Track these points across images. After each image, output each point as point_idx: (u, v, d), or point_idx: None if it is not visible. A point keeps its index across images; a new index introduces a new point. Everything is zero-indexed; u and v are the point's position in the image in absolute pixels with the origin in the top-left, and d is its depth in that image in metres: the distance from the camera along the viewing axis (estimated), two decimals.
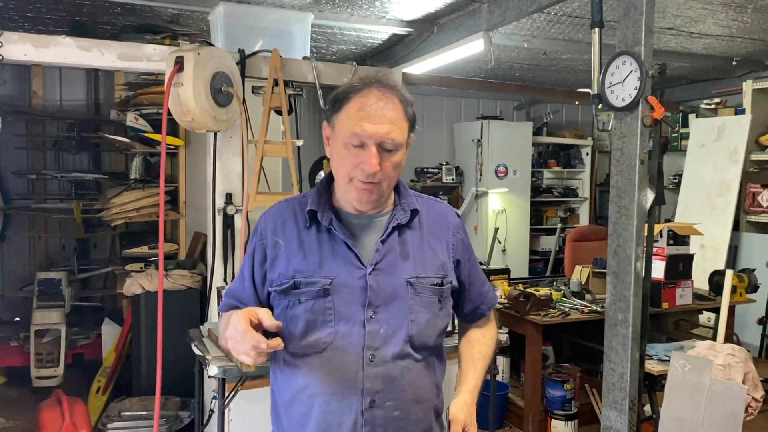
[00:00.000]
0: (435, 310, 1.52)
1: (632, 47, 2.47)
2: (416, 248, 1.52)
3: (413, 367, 1.49)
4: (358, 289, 1.45)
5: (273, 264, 1.51)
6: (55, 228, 5.44)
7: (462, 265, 1.62)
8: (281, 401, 1.55)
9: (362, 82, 1.44)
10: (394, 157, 1.43)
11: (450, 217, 1.63)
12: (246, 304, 1.52)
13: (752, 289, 4.48)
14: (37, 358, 4.59)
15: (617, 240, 2.55)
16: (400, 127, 1.42)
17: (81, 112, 5.49)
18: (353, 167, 1.42)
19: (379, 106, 1.40)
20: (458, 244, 1.61)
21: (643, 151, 2.48)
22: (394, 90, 1.45)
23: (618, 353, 2.54)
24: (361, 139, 1.39)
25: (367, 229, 1.51)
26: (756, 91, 5.60)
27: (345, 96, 1.43)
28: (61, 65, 4.19)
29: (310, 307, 1.44)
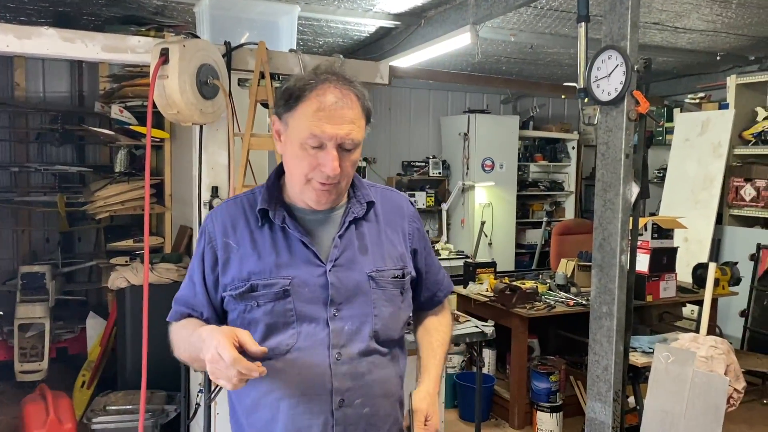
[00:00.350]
0: (398, 303, 1.50)
1: (618, 42, 2.48)
2: (374, 241, 1.49)
3: (379, 361, 1.46)
4: (319, 287, 1.41)
5: (225, 267, 1.44)
6: (39, 221, 5.39)
7: (419, 254, 1.60)
8: (241, 408, 1.48)
9: (317, 77, 1.37)
10: (353, 155, 1.39)
11: (405, 207, 1.60)
12: (199, 311, 1.48)
13: (735, 282, 4.54)
14: (21, 353, 4.55)
15: (602, 233, 2.57)
16: (359, 125, 1.38)
17: (65, 104, 5.43)
18: (311, 169, 1.37)
19: (338, 105, 1.34)
20: (414, 233, 1.58)
21: (628, 145, 2.50)
22: (351, 85, 1.39)
23: (603, 345, 2.56)
24: (321, 140, 1.34)
25: (322, 224, 1.47)
26: (740, 85, 5.66)
27: (300, 92, 1.36)
28: (44, 57, 4.14)
29: (269, 310, 1.39)
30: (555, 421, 4.11)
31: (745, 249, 5.32)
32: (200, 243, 1.50)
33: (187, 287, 1.51)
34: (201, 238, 1.50)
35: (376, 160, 7.11)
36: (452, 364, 4.59)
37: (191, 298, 1.49)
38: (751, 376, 4.53)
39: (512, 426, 4.23)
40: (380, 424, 1.47)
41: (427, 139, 7.52)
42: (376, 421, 1.45)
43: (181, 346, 1.45)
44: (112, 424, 3.20)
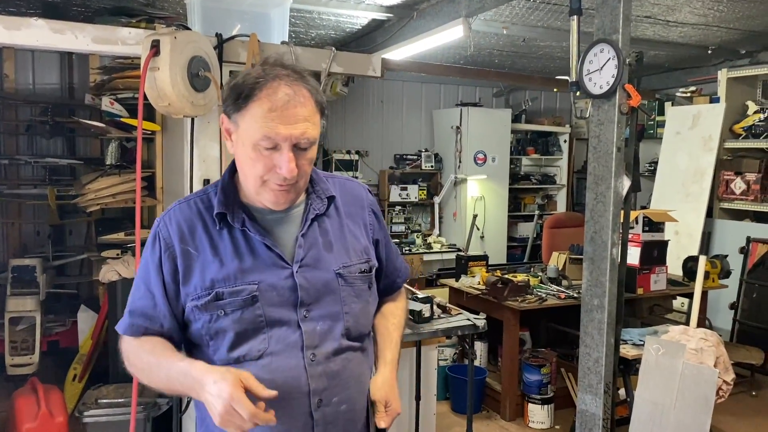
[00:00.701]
0: (366, 297, 1.48)
1: (610, 35, 2.48)
2: (338, 236, 1.46)
3: (353, 357, 1.44)
4: (287, 289, 1.36)
5: (186, 276, 1.36)
6: (29, 214, 5.35)
7: (380, 244, 1.58)
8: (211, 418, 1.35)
9: (266, 74, 1.30)
10: (309, 153, 1.34)
11: (364, 197, 1.57)
12: (159, 323, 1.38)
13: (725, 274, 4.57)
14: (12, 346, 4.53)
15: (594, 226, 2.58)
16: (313, 122, 1.32)
17: (55, 96, 5.39)
18: (267, 171, 1.31)
19: (290, 104, 1.28)
20: (374, 223, 1.56)
21: (620, 138, 2.51)
22: (302, 80, 1.32)
23: (594, 338, 2.57)
24: (275, 142, 1.28)
25: (283, 224, 1.41)
26: (731, 79, 5.68)
27: (250, 91, 1.29)
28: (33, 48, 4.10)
29: (238, 318, 1.34)
30: (546, 413, 4.14)
31: (735, 242, 5.36)
32: (154, 250, 1.39)
33: (145, 298, 1.39)
34: (155, 244, 1.40)
35: (369, 153, 7.10)
36: (444, 356, 4.60)
37: (150, 310, 1.39)
38: (740, 368, 4.57)
39: (504, 418, 4.26)
40: (357, 418, 1.46)
41: (419, 133, 7.51)
42: (353, 416, 1.45)
43: (150, 373, 1.37)
44: (103, 417, 3.20)
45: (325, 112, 1.39)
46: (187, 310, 1.38)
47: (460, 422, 4.12)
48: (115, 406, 3.22)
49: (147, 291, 1.39)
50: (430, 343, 3.38)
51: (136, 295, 1.42)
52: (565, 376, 4.34)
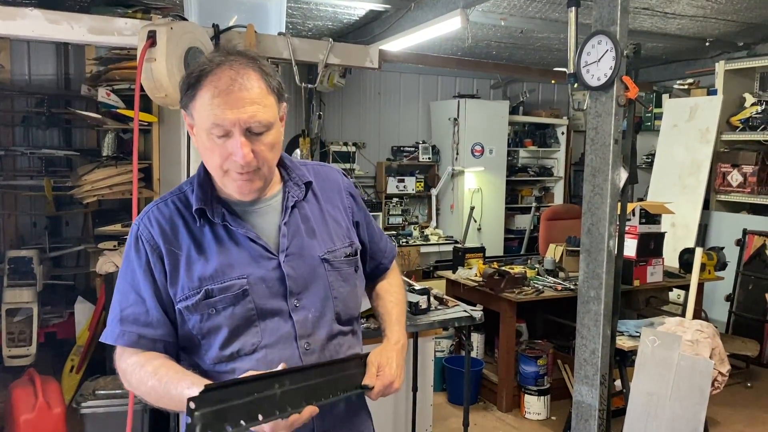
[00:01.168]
0: (353, 281, 1.47)
1: (608, 27, 2.48)
2: (319, 221, 1.45)
3: (345, 341, 1.45)
4: (276, 280, 1.35)
5: (173, 276, 1.33)
6: (26, 205, 5.34)
7: (360, 226, 1.56)
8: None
9: (211, 61, 1.27)
10: (267, 138, 1.29)
11: (340, 180, 1.56)
12: (153, 329, 1.33)
13: (721, 266, 4.58)
14: (9, 337, 4.52)
15: (591, 219, 2.58)
16: (265, 104, 1.27)
17: (51, 87, 5.36)
18: (224, 159, 1.28)
19: (235, 87, 1.24)
20: (353, 206, 1.55)
21: (617, 130, 2.51)
22: (249, 62, 1.29)
23: (590, 330, 2.58)
24: (224, 128, 1.25)
25: (263, 214, 1.39)
26: (728, 71, 5.68)
27: (196, 80, 1.26)
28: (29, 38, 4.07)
29: (230, 314, 1.32)
30: (542, 404, 4.16)
31: (731, 234, 5.38)
32: (140, 254, 1.34)
33: (136, 305, 1.33)
34: (139, 248, 1.35)
35: (366, 144, 7.09)
36: (441, 347, 4.62)
37: (143, 316, 1.33)
38: (735, 360, 4.60)
39: (500, 409, 4.28)
40: (354, 407, 1.47)
41: (416, 124, 7.50)
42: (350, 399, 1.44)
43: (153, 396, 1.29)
44: (101, 408, 3.20)
45: (284, 94, 1.35)
46: (176, 312, 1.35)
47: (456, 413, 4.14)
48: (112, 398, 3.23)
49: (137, 297, 1.34)
50: (426, 335, 3.39)
51: (125, 302, 1.35)
52: (562, 368, 4.36)
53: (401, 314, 1.60)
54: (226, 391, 1.13)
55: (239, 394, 1.14)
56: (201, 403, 1.08)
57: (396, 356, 1.45)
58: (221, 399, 1.11)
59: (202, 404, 1.08)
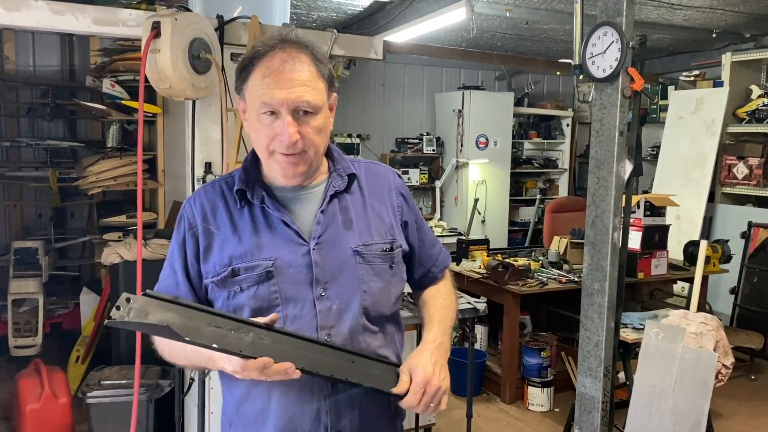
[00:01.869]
0: (387, 277, 1.43)
1: (614, 18, 2.46)
2: (359, 215, 1.42)
3: (371, 340, 1.40)
4: (303, 267, 1.34)
5: (207, 254, 1.38)
6: (31, 197, 5.36)
7: (409, 227, 1.53)
8: (231, 400, 1.43)
9: (265, 45, 1.31)
10: (314, 121, 1.31)
11: (391, 178, 1.53)
12: None
13: (725, 259, 4.57)
14: (15, 328, 4.56)
15: (595, 211, 2.57)
16: (314, 87, 1.30)
17: (55, 78, 5.37)
18: (270, 140, 1.31)
19: (286, 68, 1.27)
20: (403, 205, 1.52)
21: (623, 122, 2.50)
22: (301, 48, 1.31)
23: (594, 322, 2.58)
24: (273, 107, 1.28)
25: (303, 201, 1.40)
26: (734, 63, 5.65)
27: (249, 63, 1.31)
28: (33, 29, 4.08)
29: (253, 294, 1.33)
30: (546, 396, 4.17)
31: (736, 227, 5.36)
32: (179, 230, 1.42)
33: (169, 277, 1.42)
34: (180, 224, 1.43)
35: (370, 136, 7.08)
36: None
37: (173, 289, 1.40)
38: (739, 353, 4.60)
39: (503, 401, 4.29)
40: (376, 405, 1.42)
41: (421, 116, 7.48)
42: (370, 405, 1.40)
43: (174, 353, 1.38)
44: (106, 398, 3.22)
45: (335, 84, 1.37)
46: (209, 289, 1.39)
47: (459, 404, 4.14)
48: (117, 387, 3.25)
49: (171, 270, 1.42)
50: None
51: (162, 275, 1.45)
52: (565, 360, 4.37)
53: (444, 318, 1.52)
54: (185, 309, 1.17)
55: (199, 318, 1.17)
56: (143, 303, 1.14)
57: (431, 356, 1.37)
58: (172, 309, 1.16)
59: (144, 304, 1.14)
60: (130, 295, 1.13)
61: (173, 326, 1.13)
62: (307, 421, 1.35)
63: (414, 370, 1.33)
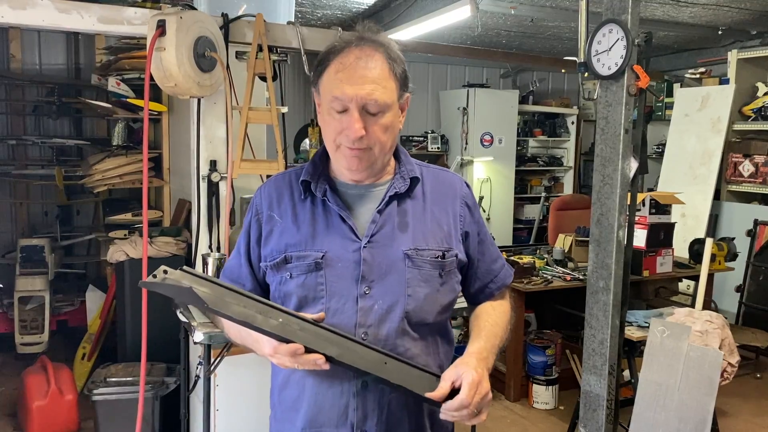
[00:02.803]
0: (435, 285, 1.40)
1: (619, 15, 2.46)
2: (417, 219, 1.42)
3: (410, 345, 1.38)
4: (352, 263, 1.36)
5: (267, 239, 1.44)
6: (37, 194, 5.38)
7: (470, 238, 1.50)
8: (275, 384, 1.50)
9: (342, 41, 1.35)
10: (382, 119, 1.32)
11: (458, 187, 1.51)
12: (242, 283, 1.46)
13: (731, 257, 4.56)
14: (21, 325, 4.58)
15: (600, 209, 2.57)
16: (384, 86, 1.31)
17: (61, 76, 5.39)
18: (338, 134, 1.33)
19: (359, 65, 1.30)
20: (466, 215, 1.49)
21: (628, 120, 2.49)
22: (377, 46, 1.34)
23: (599, 320, 2.58)
24: (343, 102, 1.30)
25: (364, 199, 1.42)
26: (741, 60, 5.62)
27: (325, 58, 1.35)
28: (39, 28, 4.09)
29: (301, 283, 1.37)
30: (550, 394, 4.17)
31: (742, 225, 5.34)
32: (248, 215, 1.50)
33: (234, 258, 1.52)
34: (250, 209, 1.51)
35: None
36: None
37: (236, 269, 1.50)
38: (745, 351, 4.58)
39: (508, 399, 4.29)
40: (406, 414, 1.38)
41: (425, 114, 7.48)
42: (397, 410, 1.38)
43: (232, 332, 1.47)
44: (112, 395, 3.23)
45: (408, 84, 1.39)
46: (266, 273, 1.46)
47: None
48: (123, 385, 3.26)
49: (237, 252, 1.51)
50: None
51: (232, 255, 1.55)
52: (570, 358, 4.36)
53: (494, 336, 1.47)
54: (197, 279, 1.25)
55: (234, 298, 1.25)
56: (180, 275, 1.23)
57: (478, 363, 1.33)
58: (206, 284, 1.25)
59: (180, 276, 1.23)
60: (168, 268, 1.23)
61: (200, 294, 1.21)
62: (335, 415, 1.37)
63: (463, 373, 1.28)
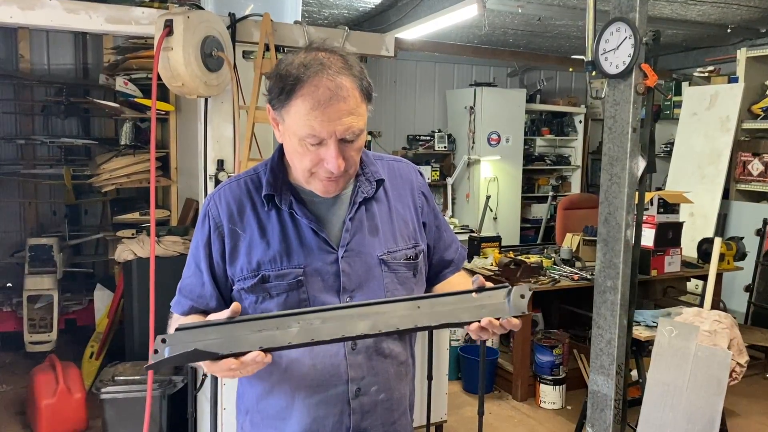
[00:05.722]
0: (411, 285, 1.44)
1: (627, 14, 2.45)
2: (384, 221, 1.43)
3: (394, 345, 1.43)
4: (332, 275, 1.36)
5: (233, 255, 1.38)
6: (45, 194, 5.41)
7: (428, 227, 1.52)
8: (252, 392, 1.45)
9: (307, 67, 1.26)
10: (357, 143, 1.31)
11: (413, 178, 1.53)
12: (206, 302, 1.41)
13: (740, 257, 4.53)
14: (30, 324, 4.61)
15: (608, 208, 2.56)
16: (359, 113, 1.28)
17: (69, 76, 5.41)
18: (314, 164, 1.30)
19: (333, 100, 1.24)
20: (424, 205, 1.52)
21: (636, 119, 2.48)
22: (345, 70, 1.27)
23: (606, 319, 2.57)
24: (320, 138, 1.26)
25: (331, 206, 1.40)
26: (750, 59, 5.59)
27: (292, 87, 1.26)
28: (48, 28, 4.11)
29: (283, 301, 1.34)
30: (558, 394, 4.16)
31: (751, 224, 5.31)
32: (203, 227, 1.41)
33: (194, 276, 1.42)
34: (204, 222, 1.41)
35: (381, 133, 7.07)
36: (456, 336, 4.62)
37: (198, 288, 1.41)
38: (754, 351, 4.56)
39: (515, 398, 4.28)
40: (395, 406, 1.45)
41: (432, 113, 7.47)
42: (391, 405, 1.44)
43: None
44: (120, 394, 3.25)
45: (372, 93, 1.35)
46: (234, 291, 1.39)
47: (471, 402, 4.14)
48: (131, 383, 3.27)
49: (196, 269, 1.42)
50: None
51: (186, 273, 1.44)
52: (577, 357, 4.35)
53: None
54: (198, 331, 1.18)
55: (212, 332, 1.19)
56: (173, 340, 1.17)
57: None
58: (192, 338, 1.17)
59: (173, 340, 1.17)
60: (164, 335, 1.16)
61: (213, 347, 1.15)
62: (330, 423, 1.38)
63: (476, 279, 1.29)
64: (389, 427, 1.45)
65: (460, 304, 1.27)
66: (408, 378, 1.50)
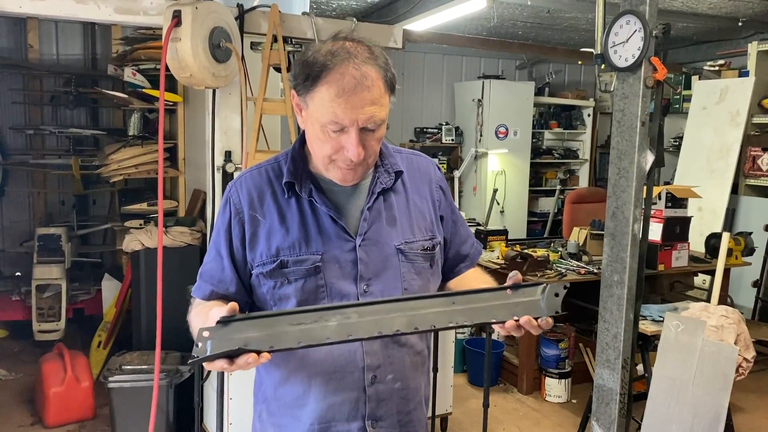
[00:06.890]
0: (427, 275, 1.46)
1: (637, 6, 2.43)
2: (403, 212, 1.45)
3: (408, 336, 1.41)
4: (349, 262, 1.38)
5: (252, 241, 1.40)
6: (54, 184, 5.43)
7: (445, 221, 1.55)
8: (269, 380, 1.48)
9: (334, 55, 1.28)
10: (378, 133, 1.34)
11: (432, 172, 1.55)
12: (225, 287, 1.43)
13: (748, 252, 4.51)
14: (39, 313, 4.64)
15: (616, 202, 2.55)
16: (381, 103, 1.31)
17: (78, 66, 5.42)
18: (335, 151, 1.32)
19: (358, 89, 1.26)
20: (441, 199, 1.54)
21: (645, 112, 2.47)
22: (371, 60, 1.30)
23: (613, 314, 2.57)
24: (342, 125, 1.28)
25: (350, 196, 1.42)
26: (761, 53, 5.54)
27: (318, 74, 1.27)
28: (57, 18, 4.12)
29: (300, 287, 1.37)
30: (563, 387, 4.16)
31: (760, 219, 5.28)
32: (225, 214, 1.44)
33: (215, 261, 1.44)
34: (225, 208, 1.44)
35: (389, 126, 7.02)
36: (462, 330, 4.63)
37: (218, 273, 1.43)
38: (761, 346, 4.53)
39: (521, 391, 4.28)
40: (411, 396, 1.46)
41: (440, 105, 7.45)
42: (406, 394, 1.45)
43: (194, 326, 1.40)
44: (127, 383, 3.27)
45: (395, 85, 1.37)
46: (252, 276, 1.42)
47: (476, 394, 4.15)
48: (138, 373, 3.30)
49: (217, 254, 1.44)
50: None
51: (207, 258, 1.47)
52: (583, 351, 4.35)
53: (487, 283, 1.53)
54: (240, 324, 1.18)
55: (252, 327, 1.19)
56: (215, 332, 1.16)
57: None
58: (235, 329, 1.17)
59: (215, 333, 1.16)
60: (206, 327, 1.16)
61: (254, 342, 1.15)
62: (345, 410, 1.40)
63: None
64: (404, 416, 1.46)
65: (494, 300, 1.27)
66: (424, 369, 1.51)
